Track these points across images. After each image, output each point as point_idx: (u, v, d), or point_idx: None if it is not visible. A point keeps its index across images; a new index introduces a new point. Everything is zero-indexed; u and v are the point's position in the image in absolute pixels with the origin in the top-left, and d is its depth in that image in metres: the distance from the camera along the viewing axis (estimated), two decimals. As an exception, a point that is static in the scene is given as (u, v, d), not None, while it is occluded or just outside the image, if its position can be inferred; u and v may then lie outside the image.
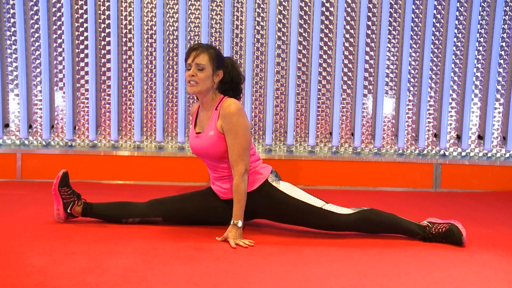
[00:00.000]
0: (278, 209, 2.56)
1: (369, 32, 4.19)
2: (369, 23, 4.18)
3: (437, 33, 4.20)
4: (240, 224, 2.41)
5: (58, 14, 4.09)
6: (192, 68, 2.46)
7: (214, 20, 4.17)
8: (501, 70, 4.25)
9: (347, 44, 4.20)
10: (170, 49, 4.18)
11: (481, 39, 4.22)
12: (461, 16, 4.20)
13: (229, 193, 2.60)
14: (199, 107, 2.66)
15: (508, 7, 4.20)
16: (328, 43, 4.20)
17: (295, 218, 2.58)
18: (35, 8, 4.08)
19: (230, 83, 2.59)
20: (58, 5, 4.09)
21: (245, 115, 2.50)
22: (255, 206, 2.57)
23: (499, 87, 4.26)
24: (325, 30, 4.19)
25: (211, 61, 2.47)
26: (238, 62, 4.19)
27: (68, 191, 2.63)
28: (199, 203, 2.73)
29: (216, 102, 2.55)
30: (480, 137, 4.32)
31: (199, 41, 4.14)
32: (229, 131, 2.46)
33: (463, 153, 4.34)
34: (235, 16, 4.18)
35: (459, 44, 4.22)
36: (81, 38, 4.13)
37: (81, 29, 4.12)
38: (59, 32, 4.11)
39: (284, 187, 2.56)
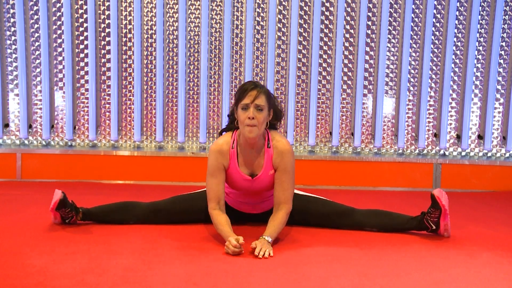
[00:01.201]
0: (306, 208, 2.70)
1: (369, 32, 4.19)
2: (369, 23, 4.18)
3: (437, 33, 4.20)
4: (270, 240, 2.33)
5: (58, 14, 4.09)
6: (251, 109, 2.37)
7: (214, 20, 4.17)
8: (501, 70, 4.25)
9: (347, 44, 4.19)
10: (170, 49, 4.17)
11: (481, 39, 4.22)
12: (461, 16, 4.19)
13: (259, 209, 2.68)
14: (237, 147, 2.52)
15: (508, 7, 4.20)
16: (328, 43, 4.20)
17: (319, 209, 2.70)
18: (35, 8, 4.08)
19: (273, 120, 2.57)
20: (58, 5, 4.09)
21: None
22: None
23: (499, 87, 4.26)
24: (325, 30, 4.19)
25: (267, 101, 2.43)
26: (238, 62, 4.19)
27: (67, 210, 2.56)
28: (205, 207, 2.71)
29: (265, 140, 2.52)
30: (480, 137, 4.31)
31: (199, 41, 4.14)
32: (284, 170, 2.48)
33: (463, 153, 4.34)
34: (235, 16, 4.17)
35: (459, 44, 4.21)
36: (81, 38, 4.12)
37: (81, 29, 4.12)
38: (59, 32, 4.10)
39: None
